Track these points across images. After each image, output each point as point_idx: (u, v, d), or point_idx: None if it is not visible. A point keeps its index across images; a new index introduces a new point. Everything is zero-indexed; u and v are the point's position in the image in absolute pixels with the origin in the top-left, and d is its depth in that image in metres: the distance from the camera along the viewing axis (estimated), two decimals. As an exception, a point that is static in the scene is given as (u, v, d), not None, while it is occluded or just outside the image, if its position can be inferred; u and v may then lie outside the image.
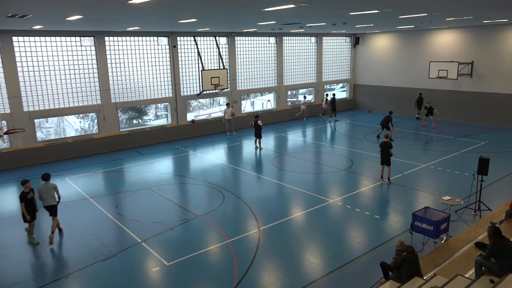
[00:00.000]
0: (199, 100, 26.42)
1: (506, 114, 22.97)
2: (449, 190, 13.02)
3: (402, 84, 27.71)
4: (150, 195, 13.56)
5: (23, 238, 10.71)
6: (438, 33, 25.27)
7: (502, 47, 22.69)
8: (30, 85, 17.56)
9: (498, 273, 7.08)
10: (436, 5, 11.53)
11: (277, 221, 11.25)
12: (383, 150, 13.88)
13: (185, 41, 21.99)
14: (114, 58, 19.72)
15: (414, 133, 21.93)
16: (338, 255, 9.38)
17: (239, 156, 18.75)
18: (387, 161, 13.93)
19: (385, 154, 13.86)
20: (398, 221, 11.16)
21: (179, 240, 10.31)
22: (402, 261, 7.14)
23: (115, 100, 20.03)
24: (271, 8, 10.75)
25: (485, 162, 10.83)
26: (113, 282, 8.52)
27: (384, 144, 13.90)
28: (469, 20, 18.71)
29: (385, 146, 13.85)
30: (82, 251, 9.82)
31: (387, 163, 13.96)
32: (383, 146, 13.89)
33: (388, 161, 13.92)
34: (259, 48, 25.35)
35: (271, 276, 8.65)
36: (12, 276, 8.84)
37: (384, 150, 13.86)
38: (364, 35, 29.73)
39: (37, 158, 17.76)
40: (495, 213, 10.76)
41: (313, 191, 13.61)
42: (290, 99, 28.33)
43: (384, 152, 13.85)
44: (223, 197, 13.18)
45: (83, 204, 12.99)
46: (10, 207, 12.92)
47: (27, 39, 17.19)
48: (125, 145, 20.27)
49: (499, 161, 16.01)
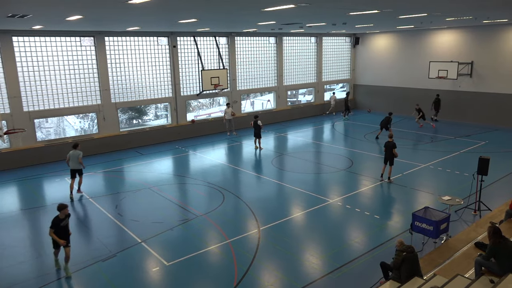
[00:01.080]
0: (199, 100, 26.41)
1: (506, 114, 22.98)
2: (449, 190, 13.03)
3: (402, 84, 27.72)
4: (150, 195, 13.56)
5: (23, 238, 10.71)
6: (438, 33, 25.27)
7: (502, 47, 22.69)
8: (30, 85, 17.56)
9: (498, 273, 7.08)
10: (436, 5, 11.53)
11: (277, 221, 11.25)
12: (387, 150, 13.91)
13: (185, 41, 22.00)
14: (114, 58, 19.72)
15: (414, 133, 21.92)
16: (338, 255, 9.38)
17: (239, 156, 18.75)
18: (391, 161, 13.96)
19: (389, 154, 13.90)
20: (398, 221, 11.16)
21: (179, 240, 10.31)
22: (402, 261, 7.14)
23: (115, 100, 20.03)
24: (271, 8, 10.74)
25: (485, 162, 10.83)
26: (113, 282, 8.52)
27: (388, 144, 13.94)
28: (469, 20, 18.71)
29: (389, 145, 13.88)
30: (82, 251, 9.82)
31: (390, 162, 13.99)
32: (387, 145, 13.93)
33: (391, 161, 13.96)
34: (259, 48, 25.36)
35: (271, 276, 8.65)
36: (12, 276, 8.84)
37: (388, 149, 13.89)
38: (364, 35, 29.73)
39: (37, 158, 17.76)
40: (495, 213, 10.76)
41: (313, 191, 13.62)
42: (290, 99, 28.33)
43: (388, 152, 13.89)
44: (223, 197, 13.18)
45: (83, 204, 12.98)
46: (10, 207, 12.92)
47: (27, 39, 17.19)
48: (125, 145, 20.27)
49: (499, 161, 16.02)
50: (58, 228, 8.66)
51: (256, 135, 19.21)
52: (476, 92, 24.10)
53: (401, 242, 7.49)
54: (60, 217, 8.67)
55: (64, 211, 8.70)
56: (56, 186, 14.84)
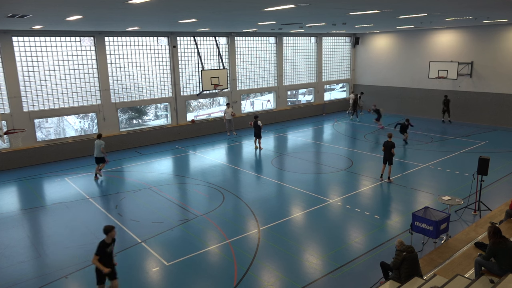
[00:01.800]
0: (199, 100, 26.41)
1: (506, 114, 22.98)
2: (449, 190, 13.04)
3: (402, 84, 27.72)
4: (150, 195, 13.56)
5: (23, 238, 10.71)
6: (438, 33, 25.28)
7: (502, 47, 22.70)
8: (30, 85, 17.56)
9: (498, 273, 7.08)
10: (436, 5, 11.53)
11: (277, 221, 11.26)
12: (386, 149, 13.93)
13: (185, 41, 21.99)
14: (114, 58, 19.72)
15: (414, 133, 21.91)
16: (338, 255, 9.38)
17: (239, 156, 18.75)
18: (390, 160, 13.98)
19: (388, 153, 13.91)
20: (398, 221, 11.16)
21: (179, 240, 10.31)
22: (402, 261, 7.14)
23: (115, 100, 20.03)
24: (271, 8, 10.75)
25: (485, 162, 10.83)
26: (113, 282, 8.51)
27: (387, 144, 13.95)
28: (469, 20, 18.70)
29: (388, 145, 13.90)
30: (82, 251, 9.82)
31: (390, 162, 14.01)
32: (386, 145, 13.95)
33: (390, 160, 13.98)
34: (259, 48, 25.36)
35: (271, 276, 8.65)
36: (12, 276, 8.84)
37: (387, 149, 13.91)
38: (364, 35, 29.73)
39: (37, 158, 17.76)
40: (495, 213, 10.76)
41: (313, 191, 13.62)
42: (290, 99, 28.32)
43: (387, 151, 13.91)
44: (223, 197, 13.18)
45: (83, 204, 12.99)
46: (10, 207, 12.92)
47: (27, 39, 17.19)
48: (125, 145, 20.27)
49: (499, 161, 16.02)
50: (104, 254, 7.41)
51: (256, 135, 19.22)
52: (476, 92, 24.10)
53: (401, 242, 7.49)
54: (106, 241, 7.45)
55: (111, 233, 7.48)
56: (56, 186, 14.84)
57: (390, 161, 14.04)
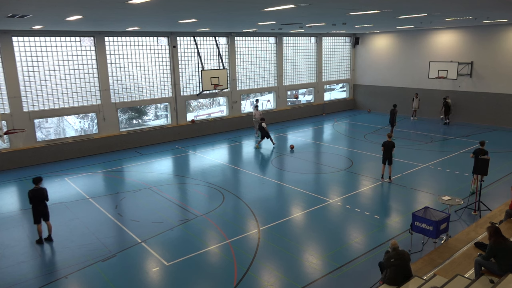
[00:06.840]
0: (199, 100, 26.38)
1: (506, 114, 22.98)
2: (449, 190, 13.04)
3: (402, 84, 27.72)
4: (150, 195, 13.56)
5: (23, 238, 10.71)
6: (438, 33, 25.28)
7: (502, 47, 22.70)
8: (30, 85, 17.55)
9: (497, 273, 7.08)
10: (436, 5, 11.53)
11: (277, 221, 11.26)
12: (386, 149, 13.91)
13: (185, 41, 21.99)
14: (114, 58, 19.71)
15: (414, 133, 21.92)
16: (338, 255, 9.39)
17: (239, 156, 18.75)
18: (389, 160, 13.97)
19: (388, 153, 13.90)
20: (398, 221, 11.16)
21: (179, 240, 10.31)
22: (389, 267, 7.09)
23: (115, 100, 20.03)
24: (271, 8, 10.75)
25: (484, 162, 10.84)
26: (112, 282, 8.52)
27: (388, 144, 13.93)
28: (469, 20, 18.71)
29: (388, 145, 13.89)
30: (82, 251, 9.82)
31: (389, 162, 14.00)
32: (387, 145, 13.92)
33: (390, 160, 13.98)
34: (259, 48, 25.35)
35: (271, 276, 8.65)
36: (12, 276, 8.84)
37: (387, 149, 13.89)
38: (364, 35, 29.73)
39: (37, 158, 17.76)
40: (495, 213, 10.76)
41: (313, 191, 13.62)
42: (290, 99, 28.33)
43: (388, 151, 13.89)
44: (223, 197, 13.18)
45: (83, 204, 12.98)
46: (10, 207, 12.92)
47: (27, 39, 17.19)
48: (125, 145, 20.27)
49: (498, 161, 16.02)
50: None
51: (263, 137, 19.50)
52: (476, 92, 24.10)
53: (394, 244, 7.28)
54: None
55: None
56: (56, 186, 14.83)
57: (389, 161, 14.03)
